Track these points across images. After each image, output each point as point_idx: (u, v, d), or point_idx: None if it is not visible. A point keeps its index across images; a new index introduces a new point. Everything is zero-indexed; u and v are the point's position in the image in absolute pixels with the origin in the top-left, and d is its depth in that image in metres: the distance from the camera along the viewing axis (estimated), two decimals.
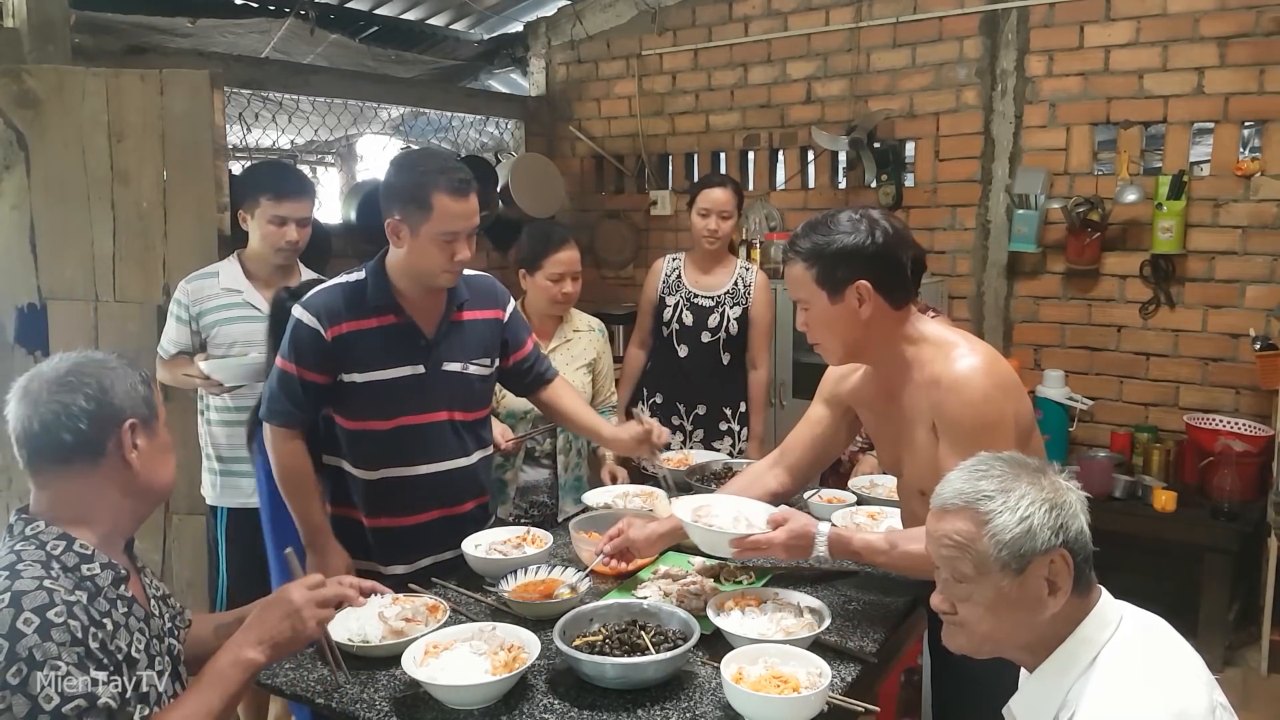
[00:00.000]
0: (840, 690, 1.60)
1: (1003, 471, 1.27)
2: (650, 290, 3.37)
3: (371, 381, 2.10)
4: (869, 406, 1.93)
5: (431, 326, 2.15)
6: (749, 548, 1.80)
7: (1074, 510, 1.25)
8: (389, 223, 2.04)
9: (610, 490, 2.58)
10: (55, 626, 1.21)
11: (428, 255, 2.03)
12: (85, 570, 1.31)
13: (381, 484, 2.18)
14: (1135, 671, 1.22)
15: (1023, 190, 4.03)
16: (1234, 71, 3.67)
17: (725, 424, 3.31)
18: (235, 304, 2.70)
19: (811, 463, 2.13)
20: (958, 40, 4.26)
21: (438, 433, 2.19)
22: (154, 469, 1.42)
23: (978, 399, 1.64)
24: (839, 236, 1.73)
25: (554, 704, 1.58)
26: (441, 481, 2.20)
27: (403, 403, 2.13)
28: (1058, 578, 1.23)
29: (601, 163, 5.45)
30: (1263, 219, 3.69)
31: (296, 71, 4.31)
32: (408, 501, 2.19)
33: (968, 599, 1.27)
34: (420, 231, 2.01)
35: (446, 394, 2.18)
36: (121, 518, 1.40)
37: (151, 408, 1.42)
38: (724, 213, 3.20)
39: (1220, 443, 3.56)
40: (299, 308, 2.10)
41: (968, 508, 1.25)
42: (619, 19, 5.21)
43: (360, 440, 2.16)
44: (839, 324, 1.76)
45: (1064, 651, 1.26)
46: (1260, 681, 3.41)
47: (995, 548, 1.22)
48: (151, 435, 1.41)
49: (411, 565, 2.20)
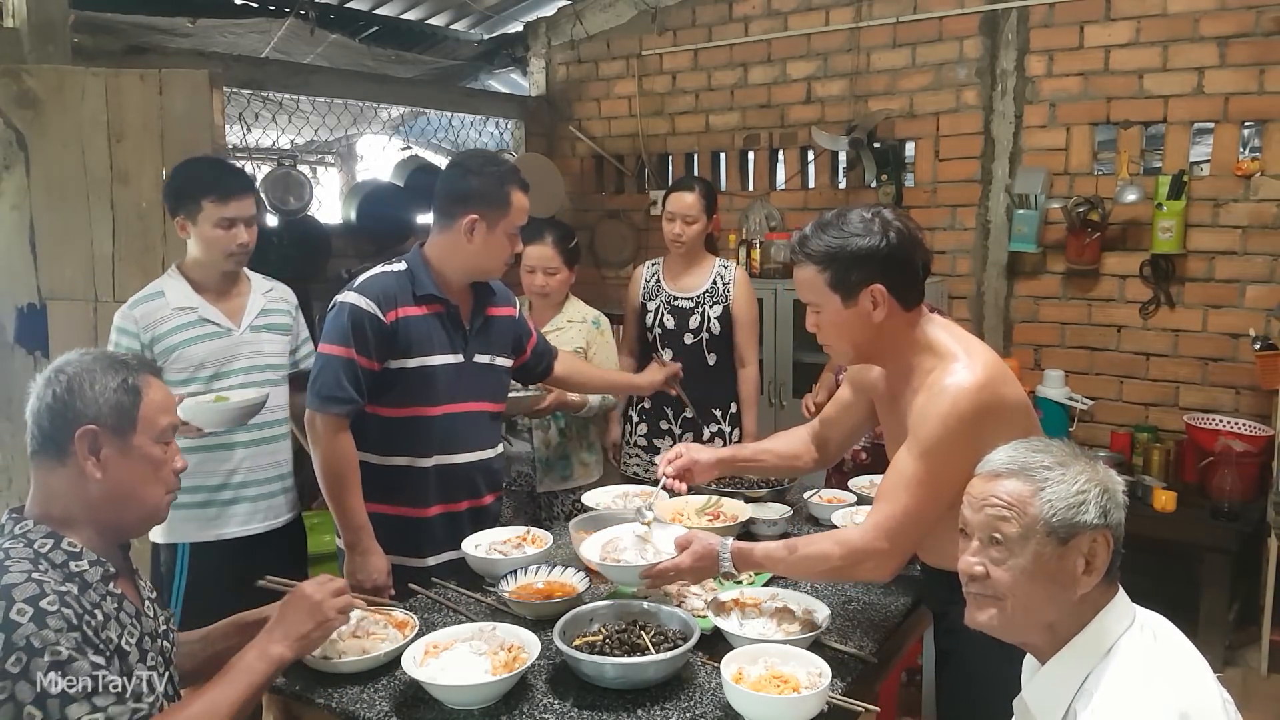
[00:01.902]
0: (840, 690, 1.60)
1: (1061, 450, 1.30)
2: (633, 297, 3.37)
3: (420, 368, 2.16)
4: (880, 400, 1.94)
5: (469, 318, 2.27)
6: (658, 575, 1.80)
7: (1119, 500, 1.28)
8: (466, 220, 2.15)
9: (610, 490, 2.58)
10: (50, 614, 1.21)
11: (499, 249, 2.20)
12: (74, 566, 1.32)
13: (413, 472, 2.21)
14: (1150, 665, 1.23)
15: (1023, 190, 4.02)
16: (1234, 71, 3.67)
17: (714, 425, 3.31)
18: (191, 323, 2.43)
19: (845, 437, 2.19)
20: (958, 40, 4.26)
21: (471, 422, 2.27)
22: (122, 482, 1.36)
23: (945, 413, 1.61)
24: (853, 239, 1.68)
25: (554, 704, 1.58)
26: (479, 470, 2.29)
27: (446, 391, 2.20)
28: (1095, 558, 1.25)
29: (601, 163, 5.45)
30: (1263, 219, 3.69)
31: (296, 71, 4.31)
32: (438, 491, 2.24)
33: (1003, 562, 1.27)
34: (498, 227, 2.16)
35: (479, 384, 2.28)
36: (100, 523, 1.37)
37: (126, 417, 1.36)
38: (688, 217, 3.20)
39: (1220, 443, 3.55)
40: (352, 294, 2.14)
41: (1023, 472, 1.28)
42: (619, 19, 5.21)
43: (398, 428, 2.19)
44: (851, 327, 1.73)
45: (1081, 640, 1.27)
46: (1260, 681, 3.41)
47: (1048, 511, 1.24)
48: (123, 446, 1.36)
49: (436, 558, 2.23)
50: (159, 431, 1.41)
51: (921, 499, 1.62)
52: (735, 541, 1.82)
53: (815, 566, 1.75)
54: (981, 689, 1.67)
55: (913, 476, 1.63)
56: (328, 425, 2.10)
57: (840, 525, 2.35)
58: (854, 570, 1.72)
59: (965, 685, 1.80)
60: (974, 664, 1.66)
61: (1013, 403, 1.67)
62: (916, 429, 1.65)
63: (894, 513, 1.65)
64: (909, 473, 1.64)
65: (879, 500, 1.71)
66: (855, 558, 1.68)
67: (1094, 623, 1.27)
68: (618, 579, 1.90)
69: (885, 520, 1.66)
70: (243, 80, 4.04)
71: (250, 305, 2.53)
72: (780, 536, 2.36)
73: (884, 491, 1.70)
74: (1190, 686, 1.21)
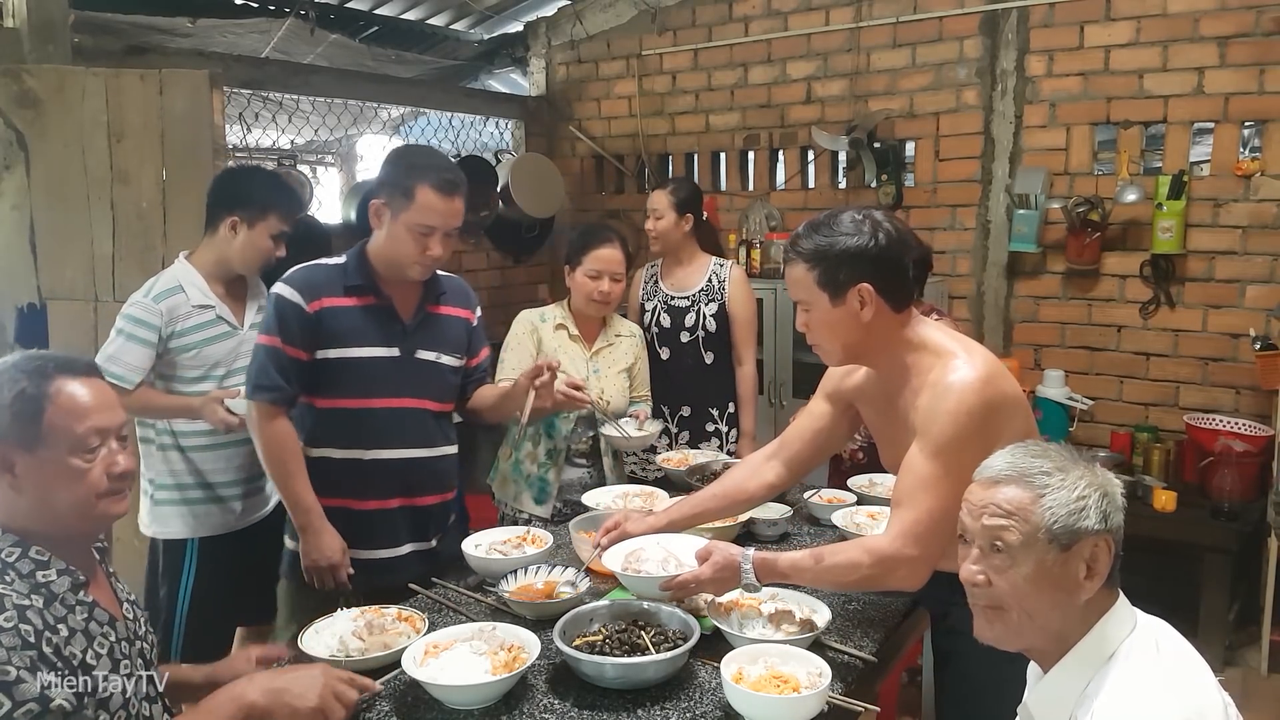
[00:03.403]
0: (840, 690, 1.60)
1: (1059, 455, 1.29)
2: (633, 299, 3.38)
3: (350, 359, 2.14)
4: (871, 404, 1.93)
5: (409, 313, 2.22)
6: (679, 587, 1.77)
7: (1118, 504, 1.27)
8: (373, 204, 2.13)
9: (611, 490, 2.58)
10: (4, 631, 1.19)
11: (402, 243, 2.12)
12: (40, 576, 1.29)
13: (347, 464, 2.18)
14: (1152, 669, 1.23)
15: (1023, 190, 4.02)
16: (1234, 71, 3.67)
17: (712, 424, 3.31)
18: (209, 322, 2.50)
19: (810, 456, 2.10)
20: (958, 40, 4.26)
21: (410, 419, 2.22)
22: (46, 494, 1.30)
23: (954, 409, 1.61)
24: (842, 238, 1.70)
25: (554, 704, 1.58)
26: (409, 468, 2.23)
27: (378, 384, 2.17)
28: (1097, 563, 1.24)
29: (601, 163, 5.45)
30: (1263, 219, 3.69)
31: (296, 71, 4.31)
32: (372, 486, 2.20)
33: (1006, 570, 1.26)
34: (400, 218, 2.10)
35: (420, 381, 2.23)
36: (49, 532, 1.32)
37: (29, 430, 1.28)
38: (655, 212, 3.30)
39: (1220, 443, 3.56)
40: (280, 284, 2.15)
41: (1022, 478, 1.27)
42: (619, 19, 5.21)
43: (332, 419, 2.17)
44: (840, 326, 1.75)
45: (1084, 646, 1.26)
46: (1260, 681, 3.41)
47: (1049, 519, 1.23)
48: (33, 460, 1.28)
49: (370, 552, 2.20)
50: (75, 439, 1.30)
51: (943, 497, 1.59)
52: (758, 552, 1.77)
53: (844, 576, 1.71)
54: (981, 689, 1.67)
55: (930, 476, 1.62)
56: (261, 412, 2.12)
57: (840, 525, 2.34)
58: (885, 579, 1.68)
59: (965, 685, 1.81)
60: (973, 664, 1.66)
61: (1014, 398, 1.69)
62: (927, 428, 1.65)
63: (919, 516, 1.63)
64: (925, 473, 1.63)
65: (898, 505, 1.68)
66: (886, 565, 1.65)
67: (1096, 629, 1.27)
68: (638, 590, 1.85)
69: (912, 525, 1.63)
70: (243, 80, 4.04)
71: (251, 305, 2.62)
72: (780, 536, 2.36)
73: (902, 495, 1.67)
74: (1192, 692, 1.21)
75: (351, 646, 1.70)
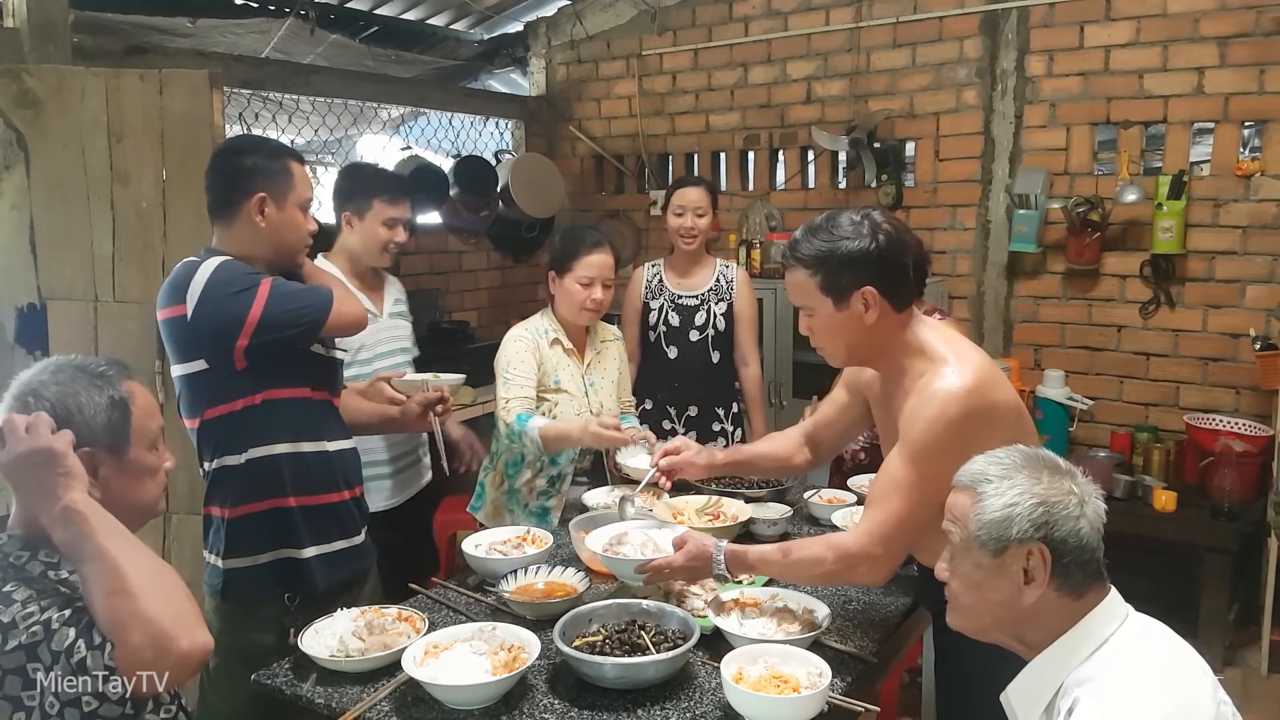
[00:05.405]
0: (840, 690, 1.60)
1: (1014, 462, 1.32)
2: (634, 298, 3.34)
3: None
4: (875, 401, 1.95)
5: None
6: (653, 571, 1.83)
7: (1070, 514, 1.27)
8: (255, 200, 2.03)
9: (611, 491, 2.58)
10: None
11: (293, 223, 2.08)
12: (53, 576, 1.28)
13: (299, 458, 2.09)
14: (1142, 665, 1.24)
15: (1023, 190, 4.02)
16: (1234, 71, 3.67)
17: (718, 424, 3.31)
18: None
19: (834, 440, 2.22)
20: (958, 40, 4.26)
21: (301, 408, 2.10)
22: (122, 495, 1.34)
23: (934, 417, 1.62)
24: (842, 242, 1.70)
25: (554, 704, 1.58)
26: (311, 463, 2.10)
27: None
28: (1034, 570, 1.27)
29: (601, 163, 5.45)
30: (1263, 219, 3.69)
31: (296, 71, 4.31)
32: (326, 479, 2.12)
33: (956, 570, 1.35)
34: (288, 200, 2.05)
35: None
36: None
37: (120, 433, 1.34)
38: (699, 209, 3.23)
39: (1220, 443, 3.55)
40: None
41: (972, 486, 1.33)
42: (619, 19, 5.21)
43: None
44: (844, 330, 1.75)
45: (1064, 643, 1.29)
46: (1260, 681, 3.40)
47: (977, 525, 1.30)
48: (119, 463, 1.34)
49: (273, 554, 2.06)
50: (151, 438, 1.40)
51: (912, 502, 1.65)
52: (730, 544, 1.83)
53: (808, 570, 1.77)
54: (980, 688, 1.67)
55: (903, 480, 1.66)
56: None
57: (841, 525, 2.35)
58: (847, 574, 1.75)
59: (964, 685, 1.81)
60: (973, 664, 1.66)
61: (1003, 407, 1.69)
62: (906, 432, 1.67)
63: (886, 518, 1.67)
64: (899, 476, 1.66)
65: (870, 504, 1.74)
66: (848, 562, 1.70)
67: (1074, 630, 1.29)
68: (615, 571, 1.95)
69: (878, 525, 1.68)
70: (243, 80, 4.03)
71: (387, 293, 2.88)
72: (781, 537, 2.36)
73: (875, 495, 1.72)
74: (1185, 687, 1.21)
75: (351, 646, 1.70)
